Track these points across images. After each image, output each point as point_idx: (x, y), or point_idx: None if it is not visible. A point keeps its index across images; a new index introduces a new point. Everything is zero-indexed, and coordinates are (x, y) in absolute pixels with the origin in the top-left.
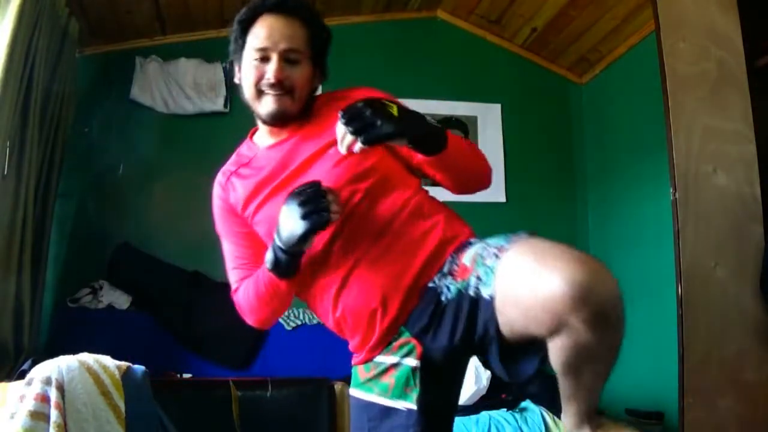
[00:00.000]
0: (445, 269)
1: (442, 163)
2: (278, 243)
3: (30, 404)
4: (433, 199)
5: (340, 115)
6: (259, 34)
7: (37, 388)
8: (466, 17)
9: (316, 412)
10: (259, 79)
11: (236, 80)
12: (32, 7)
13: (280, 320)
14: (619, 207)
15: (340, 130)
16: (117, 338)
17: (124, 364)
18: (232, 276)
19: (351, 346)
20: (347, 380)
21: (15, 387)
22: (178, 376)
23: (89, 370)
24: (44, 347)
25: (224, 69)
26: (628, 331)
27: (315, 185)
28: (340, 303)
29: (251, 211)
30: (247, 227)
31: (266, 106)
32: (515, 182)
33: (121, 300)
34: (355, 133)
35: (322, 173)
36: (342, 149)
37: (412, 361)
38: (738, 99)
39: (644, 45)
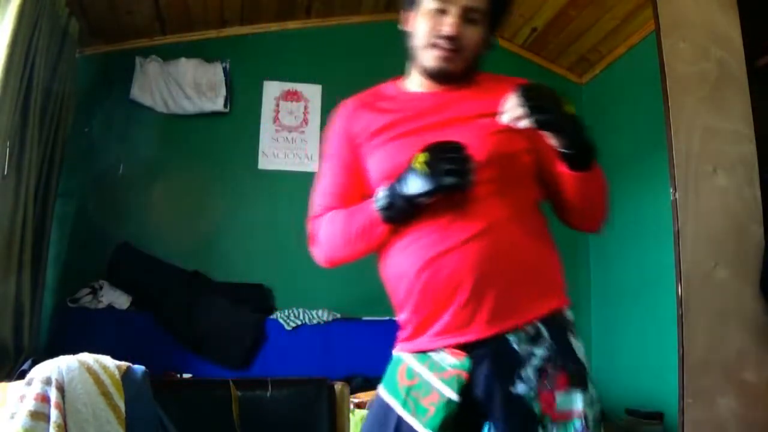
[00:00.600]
0: (542, 345)
1: (580, 184)
2: (401, 187)
3: (30, 404)
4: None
5: (519, 87)
6: None
7: (37, 388)
8: None
9: (316, 412)
10: (435, 30)
11: (404, 27)
12: (32, 7)
13: (280, 320)
14: (619, 207)
15: (513, 101)
16: (117, 338)
17: (124, 364)
18: (319, 200)
19: (404, 318)
20: (347, 380)
21: (15, 387)
22: (178, 376)
23: (89, 370)
24: (44, 347)
25: (224, 69)
26: (629, 331)
27: (462, 147)
28: (431, 270)
29: (377, 143)
30: (356, 161)
31: (432, 59)
32: None
33: (121, 300)
34: (529, 109)
35: (467, 139)
36: (506, 119)
37: (456, 396)
38: (738, 99)
39: (644, 45)
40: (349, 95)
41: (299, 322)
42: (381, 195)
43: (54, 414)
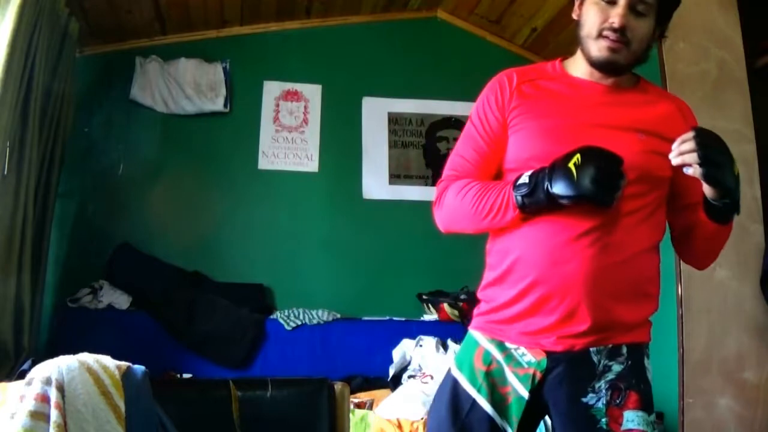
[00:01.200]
0: (619, 362)
1: (713, 233)
2: (547, 181)
3: (30, 404)
4: None
5: (696, 131)
6: None
7: (37, 388)
8: (466, 17)
9: (316, 412)
10: (603, 21)
11: (574, 15)
12: (32, 7)
13: (280, 320)
14: None
15: (688, 144)
16: (117, 338)
17: (124, 364)
18: (454, 164)
19: (497, 300)
20: (347, 380)
21: (15, 387)
22: (178, 376)
23: (89, 370)
24: (44, 347)
25: (224, 69)
26: None
27: (619, 162)
28: (554, 268)
29: (530, 124)
30: (503, 133)
31: (600, 50)
32: None
33: (121, 300)
34: (702, 159)
35: (623, 149)
36: (675, 160)
37: (527, 395)
38: (738, 99)
39: None
40: (349, 95)
41: (299, 322)
42: (524, 181)
43: (54, 414)
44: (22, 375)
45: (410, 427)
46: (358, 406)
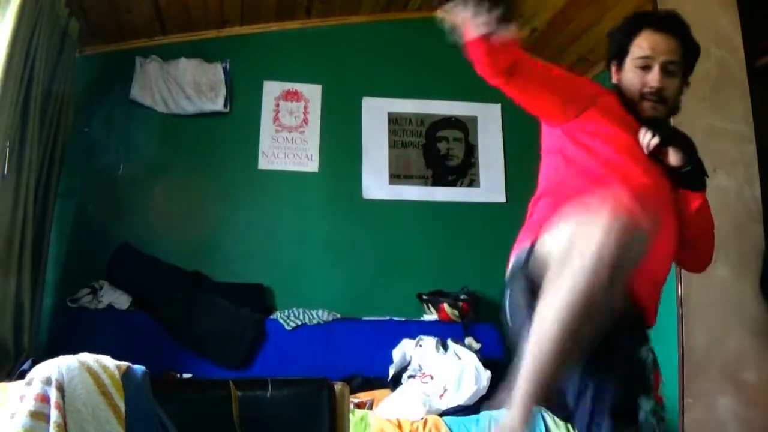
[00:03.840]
0: None
1: (700, 217)
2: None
3: (30, 404)
4: None
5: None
6: (643, 45)
7: (37, 388)
8: None
9: (316, 412)
10: (642, 85)
11: (613, 81)
12: (32, 7)
13: (280, 320)
14: None
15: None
16: (117, 338)
17: (124, 364)
18: None
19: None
20: (347, 380)
21: (15, 387)
22: (178, 376)
23: (89, 370)
24: (44, 347)
25: (224, 69)
26: None
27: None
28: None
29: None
30: None
31: (644, 111)
32: (515, 182)
33: (121, 300)
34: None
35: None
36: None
37: None
38: (738, 99)
39: None
40: (349, 95)
41: (299, 322)
42: None
43: (54, 414)
44: (22, 375)
45: (410, 427)
46: (358, 406)
